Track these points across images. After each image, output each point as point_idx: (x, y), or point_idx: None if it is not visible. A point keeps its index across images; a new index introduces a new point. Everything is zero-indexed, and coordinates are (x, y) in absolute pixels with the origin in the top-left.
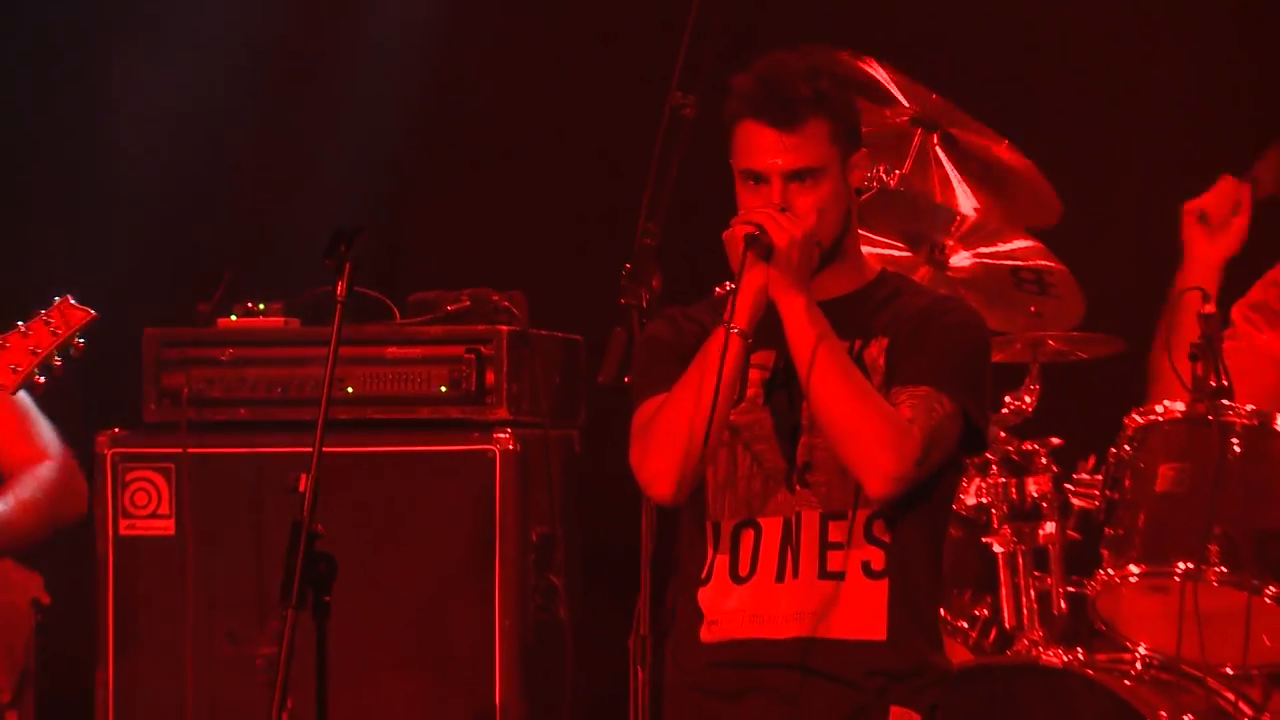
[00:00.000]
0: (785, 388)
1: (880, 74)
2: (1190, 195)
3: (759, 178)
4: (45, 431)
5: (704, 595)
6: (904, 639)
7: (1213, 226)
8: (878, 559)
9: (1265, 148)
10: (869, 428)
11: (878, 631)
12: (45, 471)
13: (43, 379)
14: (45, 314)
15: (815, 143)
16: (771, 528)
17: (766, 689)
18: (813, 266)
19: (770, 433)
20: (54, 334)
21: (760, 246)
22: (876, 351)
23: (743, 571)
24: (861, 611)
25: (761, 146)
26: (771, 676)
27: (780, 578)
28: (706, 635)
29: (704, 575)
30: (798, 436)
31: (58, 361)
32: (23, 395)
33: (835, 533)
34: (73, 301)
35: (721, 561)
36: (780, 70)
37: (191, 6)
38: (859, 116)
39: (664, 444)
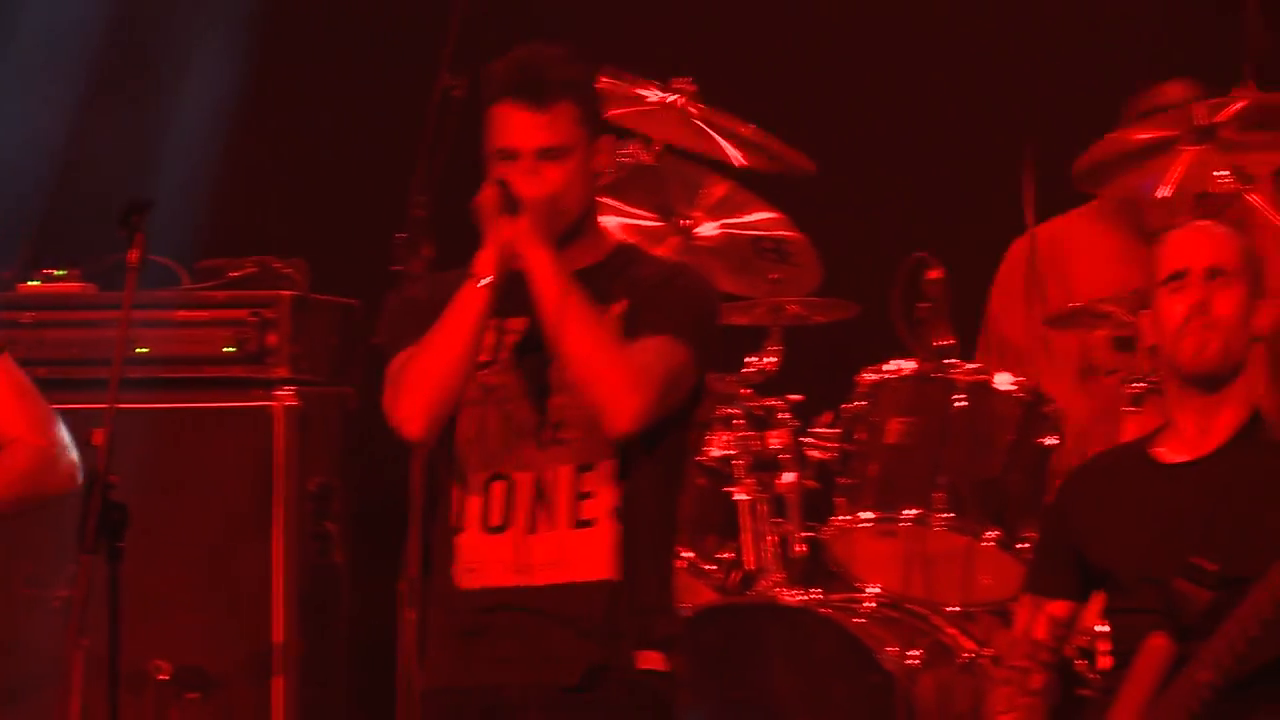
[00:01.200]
0: (535, 350)
1: (618, 84)
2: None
3: (511, 154)
4: (24, 409)
5: (460, 543)
6: (639, 579)
7: None
8: (620, 506)
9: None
10: (611, 369)
11: (615, 572)
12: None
13: None
14: None
15: (564, 123)
16: (524, 481)
17: (518, 633)
18: (557, 231)
19: (522, 393)
20: None
21: (507, 201)
22: (616, 313)
23: (495, 522)
24: (602, 555)
25: (514, 125)
26: (523, 620)
27: (533, 528)
28: (463, 581)
29: (459, 525)
30: (549, 396)
31: None
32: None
33: (585, 484)
34: None
35: (474, 513)
36: (535, 56)
37: None
38: (605, 105)
39: (414, 387)
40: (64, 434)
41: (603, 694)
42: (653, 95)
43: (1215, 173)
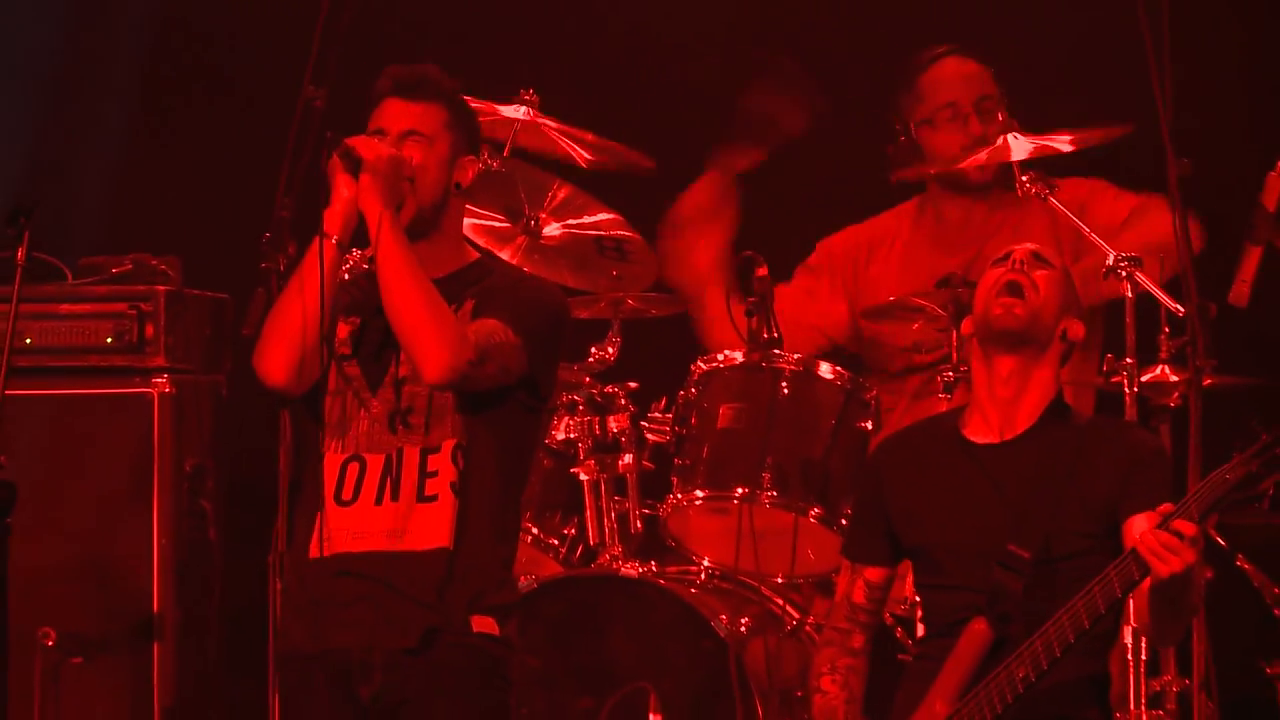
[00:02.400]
0: (391, 346)
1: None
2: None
3: (380, 134)
4: None
5: (318, 518)
6: (475, 550)
7: (702, 221)
8: (458, 482)
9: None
10: (431, 324)
11: (450, 542)
12: None
13: None
14: None
15: (432, 117)
16: (375, 462)
17: (361, 599)
18: (400, 196)
19: (377, 383)
20: None
21: (349, 160)
22: (465, 312)
23: (346, 496)
24: (440, 526)
25: (388, 111)
26: (365, 587)
27: (379, 501)
28: (314, 550)
29: (318, 502)
30: (401, 385)
31: None
32: None
33: (430, 464)
34: None
35: (330, 489)
36: (422, 67)
37: None
38: (479, 133)
39: (272, 337)
40: None
41: (438, 655)
42: (504, 109)
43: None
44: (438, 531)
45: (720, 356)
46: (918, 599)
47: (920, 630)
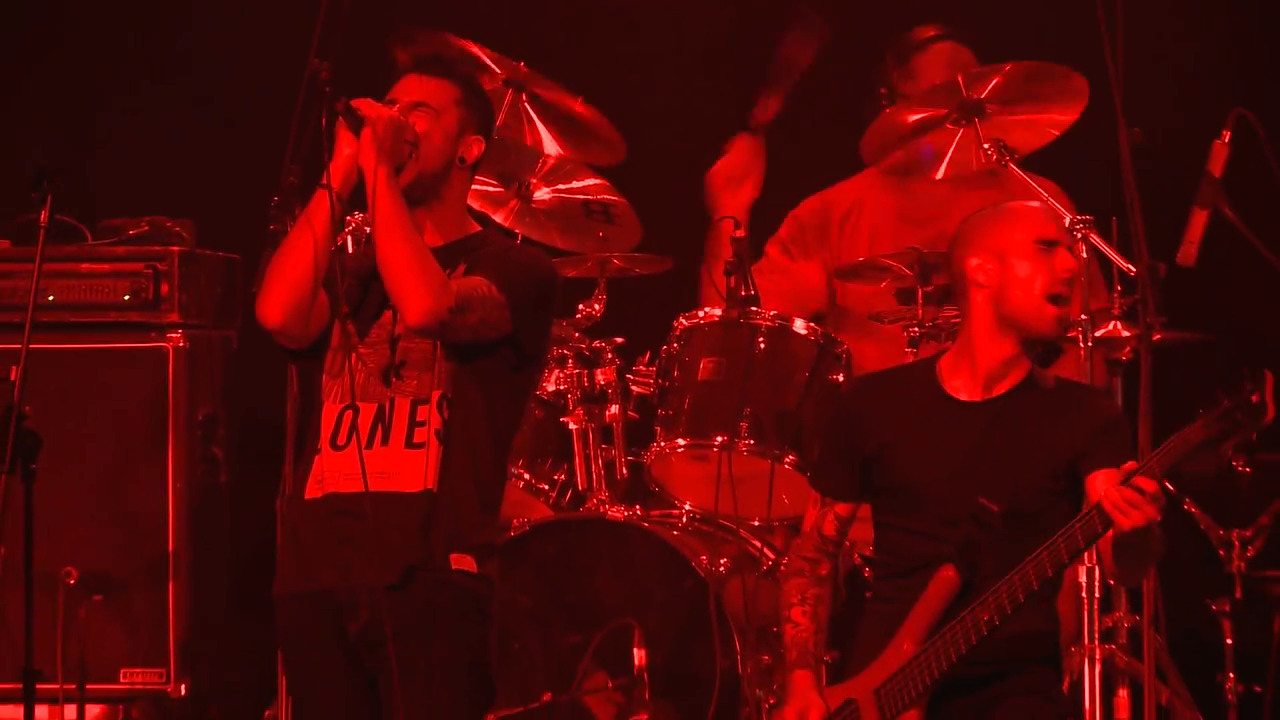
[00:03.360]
0: (389, 304)
1: (477, 51)
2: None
3: (390, 102)
4: None
5: (315, 461)
6: (457, 493)
7: (736, 181)
8: (443, 430)
9: (759, 94)
10: (415, 270)
11: (434, 485)
12: None
13: None
14: None
15: (443, 93)
16: (367, 410)
17: (349, 539)
18: (400, 158)
19: (374, 339)
20: None
21: (351, 118)
22: (457, 274)
23: (341, 441)
24: (426, 470)
25: (402, 85)
26: (353, 525)
27: (370, 445)
28: (310, 492)
29: (316, 447)
30: (396, 342)
31: None
32: None
33: (420, 414)
34: None
35: (326, 436)
36: (445, 46)
37: None
38: (491, 118)
39: (272, 281)
40: None
41: (418, 591)
42: (494, 75)
43: (982, 145)
44: (422, 475)
45: (700, 313)
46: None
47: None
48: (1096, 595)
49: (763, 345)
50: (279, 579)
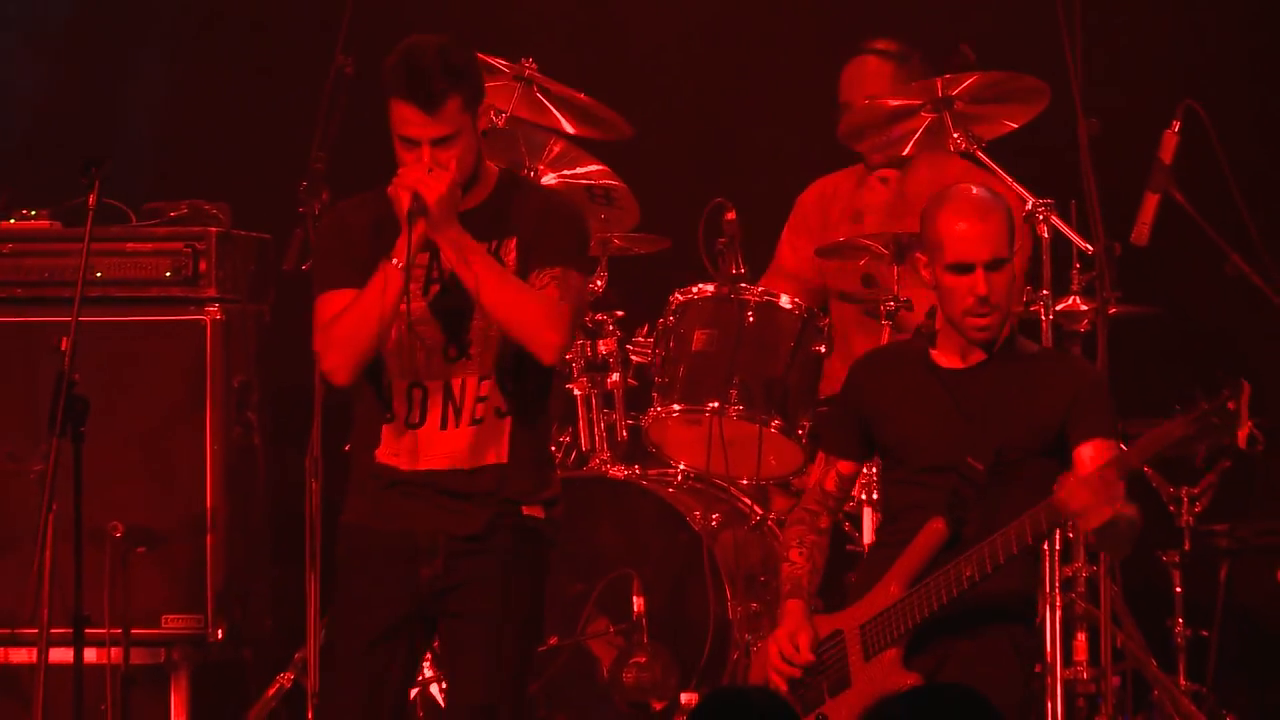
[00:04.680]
0: (441, 281)
1: (484, 57)
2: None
3: (412, 142)
4: None
5: (385, 430)
6: (523, 461)
7: None
8: (506, 405)
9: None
10: (531, 314)
11: (504, 457)
12: None
13: None
14: None
15: (452, 115)
16: (435, 388)
17: (428, 499)
18: (458, 202)
19: (432, 316)
20: None
21: (418, 205)
22: (510, 248)
23: (415, 419)
24: (495, 445)
25: (410, 121)
26: (430, 493)
27: (444, 426)
28: (384, 459)
29: (386, 415)
30: (453, 320)
31: None
32: None
33: (483, 390)
34: None
35: (400, 410)
36: (421, 57)
37: None
38: (482, 76)
39: (341, 348)
40: None
41: (498, 540)
42: (504, 71)
43: (953, 134)
44: (491, 450)
45: (695, 289)
46: (863, 498)
47: (875, 520)
48: (1057, 547)
49: (751, 319)
50: (350, 510)
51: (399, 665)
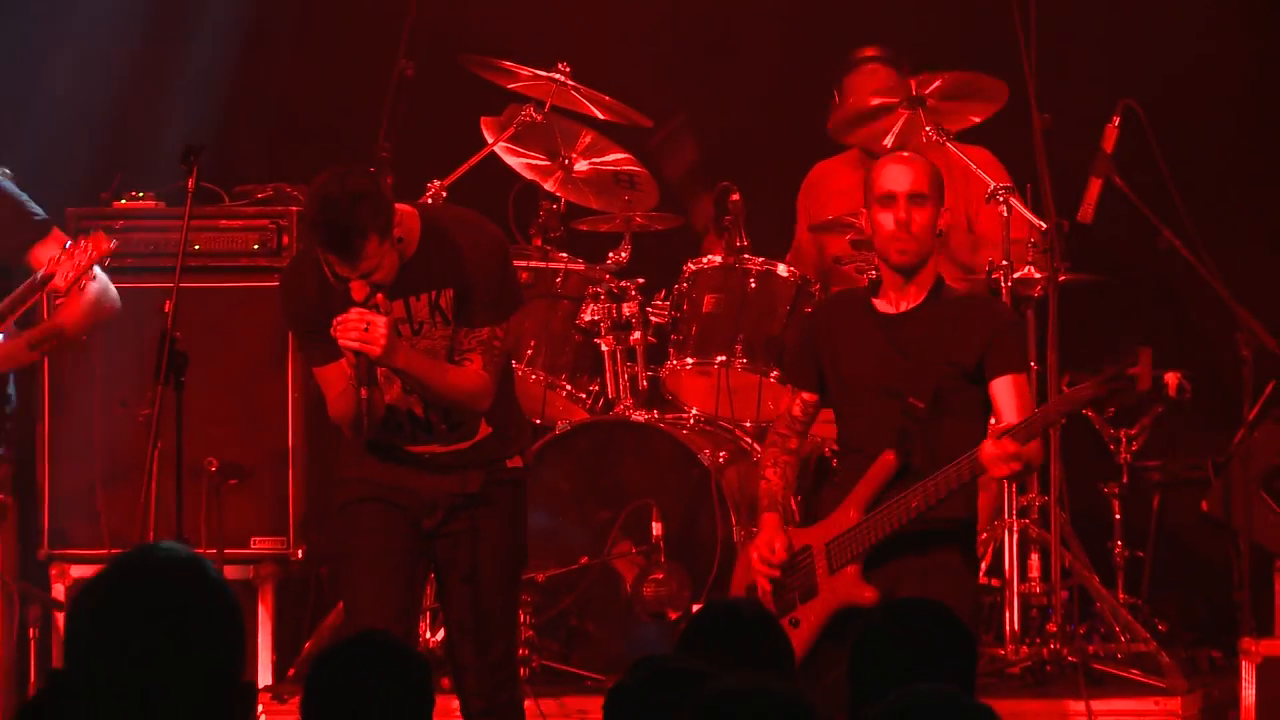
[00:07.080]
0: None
1: (514, 66)
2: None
3: (344, 278)
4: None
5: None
6: (506, 426)
7: None
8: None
9: None
10: (464, 396)
11: (490, 429)
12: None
13: None
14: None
15: (370, 253)
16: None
17: (431, 471)
18: (395, 334)
19: (404, 393)
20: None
21: (365, 363)
22: (449, 297)
23: (411, 429)
24: (478, 424)
25: (337, 264)
26: (434, 467)
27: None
28: (391, 438)
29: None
30: (419, 330)
31: None
32: None
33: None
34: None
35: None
36: (333, 214)
37: None
38: (388, 200)
39: (344, 427)
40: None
41: (490, 493)
42: (541, 73)
43: (924, 128)
44: (479, 427)
45: (704, 259)
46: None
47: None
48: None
49: (753, 285)
50: (350, 465)
51: (412, 565)
